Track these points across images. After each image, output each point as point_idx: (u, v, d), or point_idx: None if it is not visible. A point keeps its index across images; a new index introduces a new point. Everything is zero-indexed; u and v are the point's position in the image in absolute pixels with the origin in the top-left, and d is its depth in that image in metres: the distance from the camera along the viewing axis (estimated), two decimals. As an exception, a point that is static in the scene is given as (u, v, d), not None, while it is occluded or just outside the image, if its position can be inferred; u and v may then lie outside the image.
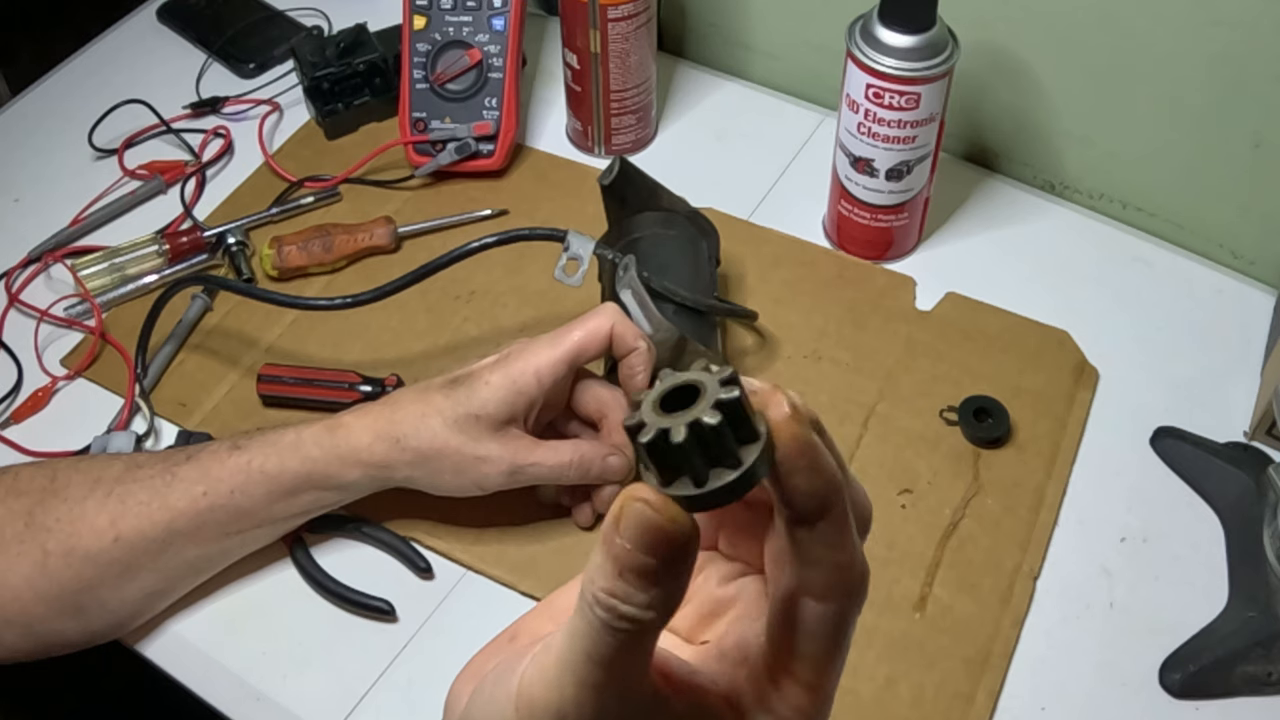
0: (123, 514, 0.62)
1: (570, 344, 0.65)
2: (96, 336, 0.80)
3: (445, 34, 0.89)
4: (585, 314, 0.66)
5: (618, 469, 0.67)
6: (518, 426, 0.65)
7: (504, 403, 0.63)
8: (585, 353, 0.65)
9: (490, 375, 0.64)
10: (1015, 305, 0.82)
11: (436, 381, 0.65)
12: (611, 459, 0.67)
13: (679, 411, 0.28)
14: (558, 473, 0.66)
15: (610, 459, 0.67)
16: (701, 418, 0.27)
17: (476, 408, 0.63)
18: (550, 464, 0.65)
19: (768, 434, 0.29)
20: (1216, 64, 0.77)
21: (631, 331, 0.66)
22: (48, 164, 0.94)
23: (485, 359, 0.66)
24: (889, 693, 0.64)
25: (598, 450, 0.67)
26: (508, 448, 0.64)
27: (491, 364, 0.65)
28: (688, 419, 0.28)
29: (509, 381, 0.63)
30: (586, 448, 0.66)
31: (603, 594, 0.30)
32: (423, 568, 0.68)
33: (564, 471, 0.66)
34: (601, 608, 0.30)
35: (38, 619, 0.62)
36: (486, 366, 0.65)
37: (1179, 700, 0.64)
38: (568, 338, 0.65)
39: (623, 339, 0.66)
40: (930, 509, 0.71)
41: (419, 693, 0.64)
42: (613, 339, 0.66)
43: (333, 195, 0.90)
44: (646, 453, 0.28)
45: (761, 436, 0.28)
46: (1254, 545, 0.66)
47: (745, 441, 0.28)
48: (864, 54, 0.74)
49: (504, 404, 0.63)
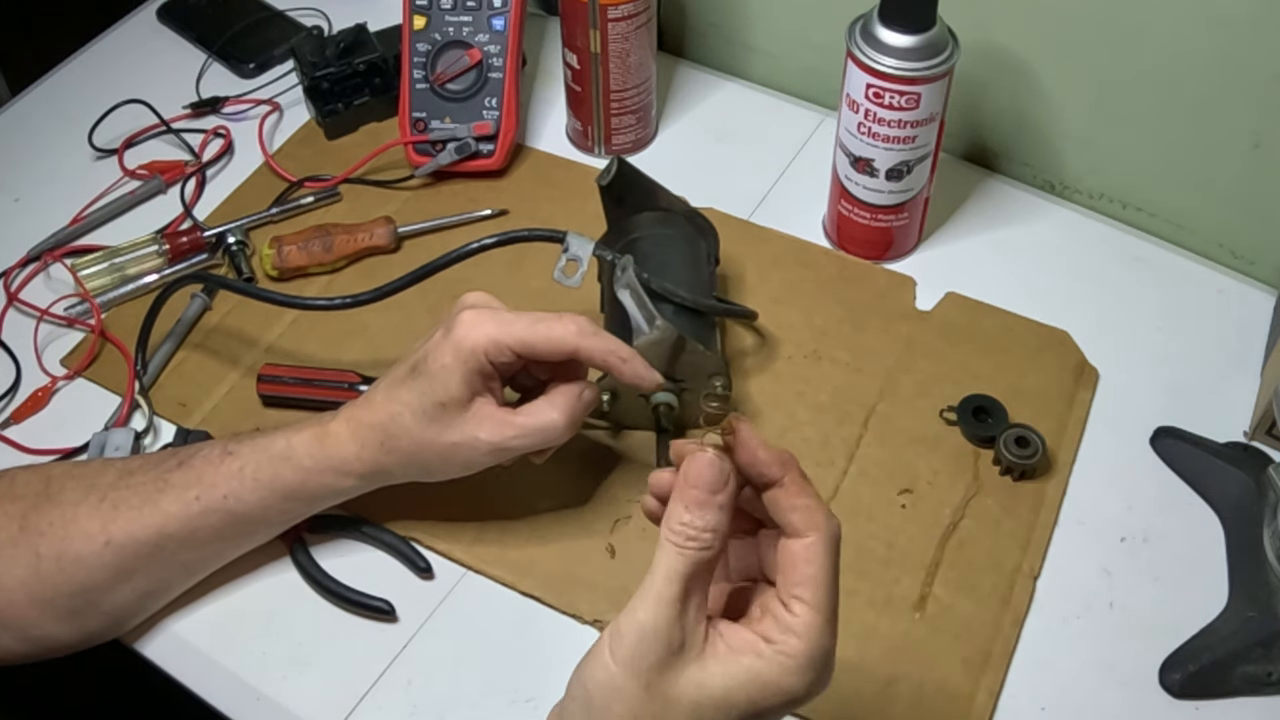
0: (114, 519, 0.62)
1: (520, 336, 0.62)
2: (96, 336, 0.80)
3: (445, 34, 0.89)
4: (556, 315, 0.62)
5: (592, 399, 0.65)
6: (485, 398, 0.63)
7: (463, 382, 0.61)
8: (535, 354, 0.62)
9: (442, 356, 0.62)
10: (1015, 305, 0.82)
11: (400, 372, 0.64)
12: (586, 393, 0.64)
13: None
14: (544, 436, 0.63)
15: (585, 393, 0.64)
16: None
17: (440, 395, 0.62)
18: (532, 430, 0.63)
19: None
20: (1216, 64, 0.77)
21: (600, 350, 0.62)
22: (48, 164, 0.94)
23: (436, 332, 0.63)
24: (889, 693, 0.64)
25: (570, 396, 0.64)
26: (483, 428, 0.62)
27: (439, 340, 0.62)
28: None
29: (460, 362, 0.61)
30: (560, 399, 0.64)
31: (678, 525, 0.45)
32: (423, 568, 0.68)
33: (551, 433, 0.63)
34: (676, 535, 0.45)
35: (32, 622, 0.62)
36: (436, 344, 0.62)
37: (1179, 700, 0.64)
38: (522, 328, 0.62)
39: (590, 361, 0.63)
40: (930, 509, 0.71)
41: (419, 693, 0.64)
42: (580, 359, 0.63)
43: (333, 195, 0.90)
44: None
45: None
46: (1254, 545, 0.66)
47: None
48: (864, 54, 0.74)
49: (463, 384, 0.62)
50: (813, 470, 0.72)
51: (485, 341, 0.61)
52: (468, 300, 0.64)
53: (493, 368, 0.62)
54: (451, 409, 0.62)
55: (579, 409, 0.64)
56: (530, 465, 0.68)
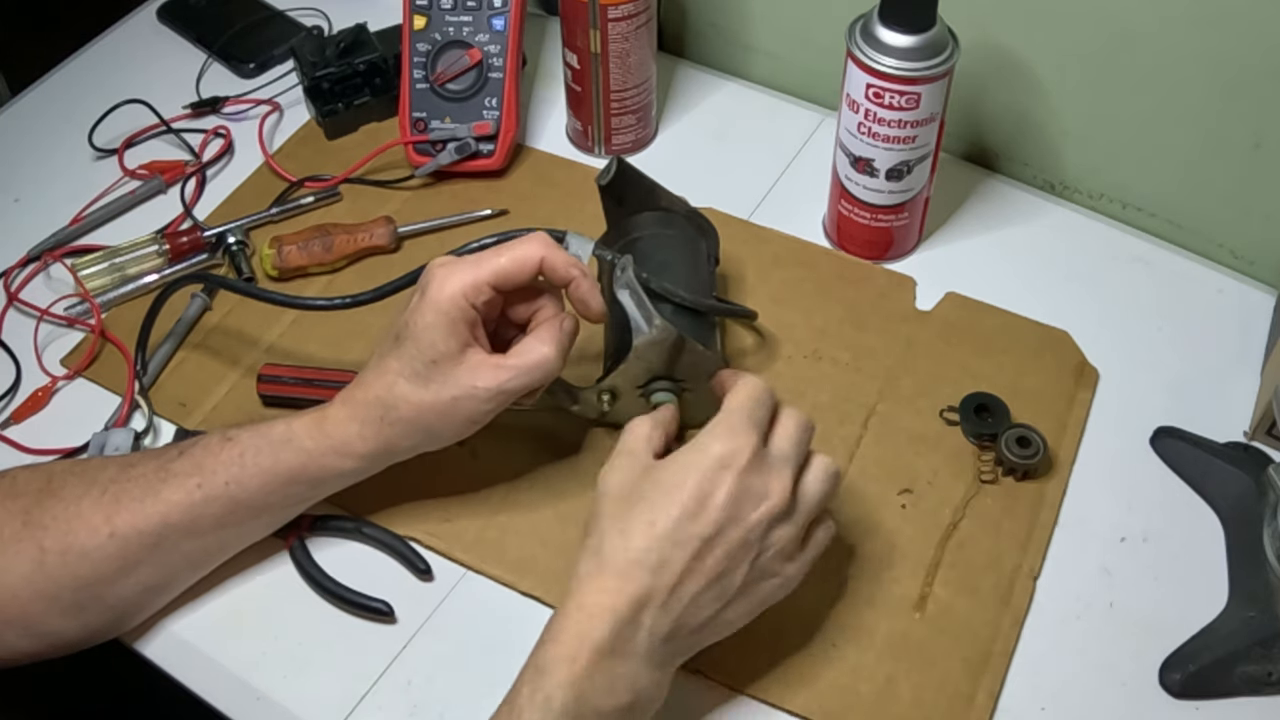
0: (117, 510, 0.62)
1: (494, 268, 0.63)
2: (96, 336, 0.80)
3: (445, 34, 0.89)
4: (515, 239, 0.64)
5: (571, 329, 0.66)
6: (474, 348, 0.64)
7: (448, 334, 0.62)
8: (510, 279, 0.63)
9: (422, 315, 0.62)
10: (1015, 305, 0.82)
11: (384, 346, 0.64)
12: (566, 323, 0.66)
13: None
14: (541, 372, 0.64)
15: (566, 324, 0.66)
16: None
17: (429, 354, 0.62)
18: (528, 368, 0.64)
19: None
20: (1216, 64, 0.77)
21: (563, 261, 0.64)
22: (48, 164, 0.94)
23: (411, 299, 0.64)
24: (889, 693, 0.64)
25: (553, 328, 0.65)
26: (479, 376, 0.63)
27: (417, 304, 0.63)
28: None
29: (440, 314, 0.62)
30: (545, 333, 0.65)
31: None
32: (422, 569, 0.68)
33: (545, 366, 0.64)
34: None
35: (37, 618, 0.62)
36: (414, 308, 0.63)
37: (1179, 700, 0.64)
38: (493, 262, 0.63)
39: (554, 270, 0.64)
40: (930, 509, 0.71)
41: (419, 693, 0.64)
42: (544, 270, 0.64)
43: (333, 195, 0.90)
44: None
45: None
46: (1254, 545, 0.66)
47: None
48: (864, 54, 0.74)
49: (449, 335, 0.62)
50: (813, 470, 0.73)
51: (462, 287, 0.62)
52: (433, 264, 0.65)
53: (475, 311, 0.63)
54: (444, 365, 0.63)
55: (564, 338, 0.65)
56: (532, 463, 0.68)
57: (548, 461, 0.73)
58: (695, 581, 0.56)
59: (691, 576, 0.56)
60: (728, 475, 0.57)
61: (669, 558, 0.56)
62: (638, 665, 0.56)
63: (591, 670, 0.54)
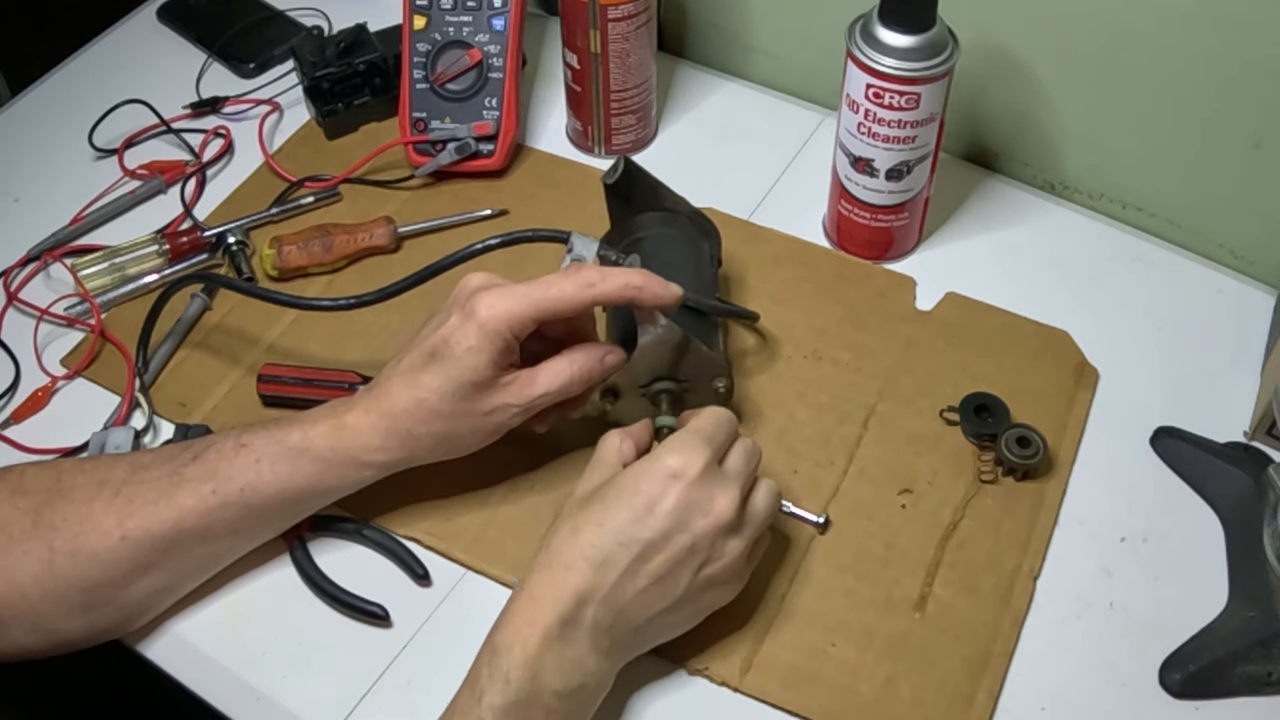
0: (130, 514, 0.62)
1: (539, 306, 0.64)
2: (96, 336, 0.80)
3: (445, 34, 0.89)
4: (559, 274, 0.65)
5: (615, 364, 0.68)
6: (508, 370, 0.65)
7: (491, 362, 0.63)
8: (556, 314, 0.65)
9: (467, 339, 0.63)
10: (1015, 305, 0.82)
11: (416, 359, 0.65)
12: (609, 358, 0.68)
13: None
14: (565, 391, 0.66)
15: (608, 358, 0.67)
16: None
17: (470, 376, 0.63)
18: (557, 387, 0.66)
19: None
20: (1216, 64, 0.77)
21: (616, 289, 0.65)
22: (48, 164, 0.94)
23: (438, 316, 0.66)
24: (889, 693, 0.64)
25: (592, 356, 0.67)
26: (511, 392, 0.65)
27: (460, 324, 0.64)
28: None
29: (486, 340, 0.63)
30: (580, 358, 0.67)
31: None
32: (420, 574, 0.68)
33: (570, 388, 0.66)
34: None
35: (45, 616, 0.62)
36: (457, 328, 0.64)
37: (1179, 700, 0.64)
38: (538, 298, 0.64)
39: (610, 301, 0.66)
40: (930, 509, 0.71)
41: (418, 693, 0.64)
42: (600, 303, 0.66)
43: (333, 195, 0.90)
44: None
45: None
46: (1254, 545, 0.66)
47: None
48: (864, 54, 0.74)
49: (491, 363, 0.63)
50: (813, 470, 0.73)
51: (508, 318, 0.63)
52: (473, 282, 0.66)
53: (515, 340, 0.64)
54: (483, 387, 0.64)
55: (597, 369, 0.67)
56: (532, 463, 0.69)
57: (548, 461, 0.73)
58: (637, 581, 0.59)
59: (633, 576, 0.59)
60: (677, 485, 0.60)
61: (613, 556, 0.59)
62: (584, 651, 0.58)
63: (543, 652, 0.57)
